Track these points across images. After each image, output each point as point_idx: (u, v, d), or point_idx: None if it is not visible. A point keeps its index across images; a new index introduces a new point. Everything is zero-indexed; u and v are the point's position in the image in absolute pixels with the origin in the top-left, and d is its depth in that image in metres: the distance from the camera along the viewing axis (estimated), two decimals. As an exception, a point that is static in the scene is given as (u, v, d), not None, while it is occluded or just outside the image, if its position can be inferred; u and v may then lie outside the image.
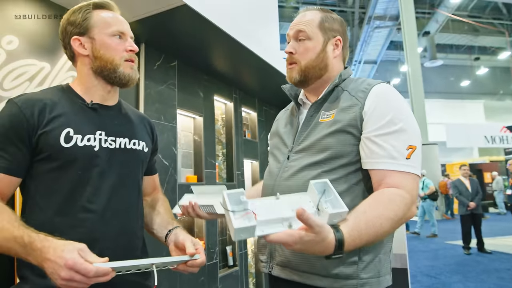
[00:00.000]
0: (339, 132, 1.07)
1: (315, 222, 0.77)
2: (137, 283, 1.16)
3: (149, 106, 2.43)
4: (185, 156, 2.95)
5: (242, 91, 3.69)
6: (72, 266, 0.81)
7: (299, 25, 1.19)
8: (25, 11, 1.79)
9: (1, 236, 0.90)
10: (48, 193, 1.06)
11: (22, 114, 1.04)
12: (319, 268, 1.02)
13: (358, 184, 1.07)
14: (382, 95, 1.07)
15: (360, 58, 20.47)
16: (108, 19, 1.15)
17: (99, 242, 1.05)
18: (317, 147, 1.10)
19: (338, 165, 1.06)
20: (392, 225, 0.93)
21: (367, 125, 1.04)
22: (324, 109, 1.15)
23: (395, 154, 1.00)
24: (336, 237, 0.82)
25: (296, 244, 0.80)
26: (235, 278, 3.22)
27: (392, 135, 1.01)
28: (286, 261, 1.09)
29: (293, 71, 1.19)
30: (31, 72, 1.77)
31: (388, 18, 17.34)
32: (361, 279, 1.01)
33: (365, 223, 0.88)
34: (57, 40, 1.88)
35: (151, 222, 1.32)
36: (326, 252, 0.83)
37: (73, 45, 1.14)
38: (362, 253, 1.02)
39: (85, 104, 1.15)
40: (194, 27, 2.29)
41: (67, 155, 1.05)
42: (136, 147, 1.23)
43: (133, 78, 1.18)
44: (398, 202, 0.94)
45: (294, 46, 1.19)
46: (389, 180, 0.99)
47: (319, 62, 1.17)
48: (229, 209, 0.82)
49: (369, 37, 18.66)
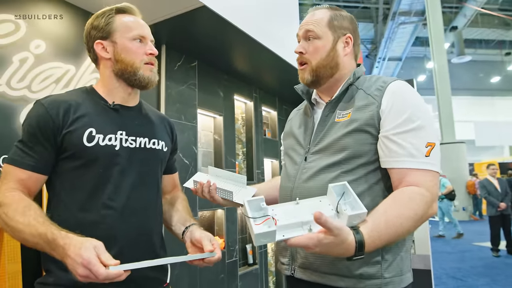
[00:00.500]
0: (356, 131, 1.06)
1: (333, 224, 0.78)
2: (157, 279, 1.20)
3: (170, 106, 2.48)
4: (206, 155, 3.00)
5: (262, 90, 3.70)
6: (87, 265, 0.85)
7: (307, 24, 1.18)
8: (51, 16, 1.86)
9: (28, 231, 0.96)
10: (72, 190, 1.11)
11: (48, 114, 1.09)
12: (342, 269, 1.01)
13: (377, 183, 1.06)
14: (399, 92, 1.06)
15: (384, 55, 20.06)
16: (129, 23, 1.19)
17: (118, 238, 1.09)
18: (334, 147, 1.09)
19: (357, 165, 1.05)
20: (412, 224, 0.92)
21: (384, 124, 1.03)
22: (340, 109, 1.14)
23: (415, 152, 0.99)
24: (356, 238, 0.82)
25: (316, 247, 0.81)
26: (255, 276, 3.24)
27: (411, 133, 1.00)
28: (308, 263, 1.08)
29: (304, 72, 1.19)
30: (57, 74, 1.84)
31: (414, 13, 16.92)
32: (385, 278, 1.01)
33: (385, 223, 0.88)
34: (81, 43, 1.96)
35: (170, 219, 1.35)
36: (347, 254, 0.84)
37: (96, 49, 1.19)
38: (384, 253, 1.02)
39: (107, 105, 1.19)
40: (214, 28, 2.33)
41: (89, 154, 1.10)
42: (155, 147, 1.26)
43: (152, 80, 1.22)
44: (418, 201, 0.94)
45: (304, 46, 1.19)
46: (409, 178, 0.98)
47: (329, 61, 1.16)
48: (249, 216, 0.85)
49: (393, 34, 18.27)
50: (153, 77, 1.22)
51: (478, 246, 7.80)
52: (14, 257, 1.47)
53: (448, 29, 17.22)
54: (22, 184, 1.07)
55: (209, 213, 2.98)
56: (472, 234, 9.59)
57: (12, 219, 0.98)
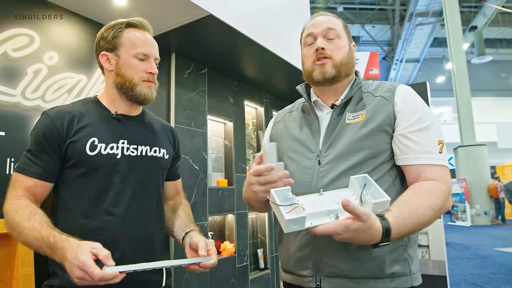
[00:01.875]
0: (374, 131, 1.08)
1: (361, 210, 0.82)
2: (154, 281, 1.23)
3: (180, 112, 2.53)
4: (216, 160, 3.04)
5: (273, 95, 3.73)
6: (82, 267, 0.88)
7: (327, 23, 1.19)
8: (64, 29, 1.94)
9: (32, 235, 1.01)
10: (76, 197, 1.16)
11: (53, 125, 1.14)
12: (374, 271, 1.01)
13: (395, 180, 1.09)
14: (409, 94, 1.12)
15: (402, 57, 19.78)
16: (136, 40, 1.23)
17: (121, 244, 1.13)
18: (352, 149, 1.09)
19: (377, 164, 1.07)
20: (433, 214, 0.96)
21: (400, 122, 1.07)
22: (349, 111, 1.15)
23: (430, 149, 1.04)
24: (382, 224, 0.86)
25: (345, 233, 0.84)
26: (266, 281, 3.25)
27: (424, 131, 1.05)
28: (337, 270, 1.05)
29: (326, 65, 1.16)
30: (69, 84, 1.91)
31: (431, 14, 16.65)
32: (413, 274, 1.05)
33: (409, 213, 0.92)
34: (92, 54, 2.03)
35: (172, 225, 1.39)
36: (374, 240, 0.87)
37: (101, 60, 1.24)
38: (408, 249, 1.06)
39: (110, 115, 1.24)
40: (221, 35, 2.37)
41: (91, 162, 1.15)
42: (156, 154, 1.30)
43: (148, 97, 1.25)
44: (437, 193, 0.98)
45: (324, 43, 1.17)
46: (426, 174, 1.02)
47: (349, 60, 1.19)
48: (278, 203, 0.90)
49: (410, 35, 18.00)
50: (150, 94, 1.26)
51: (500, 251, 7.56)
52: (27, 261, 1.54)
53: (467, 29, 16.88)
54: (29, 191, 1.13)
55: (220, 218, 3.01)
56: (494, 239, 9.31)
57: (18, 224, 1.03)
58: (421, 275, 1.11)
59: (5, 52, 1.67)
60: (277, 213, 0.94)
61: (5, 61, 1.67)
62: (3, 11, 1.69)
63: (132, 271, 0.94)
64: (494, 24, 17.34)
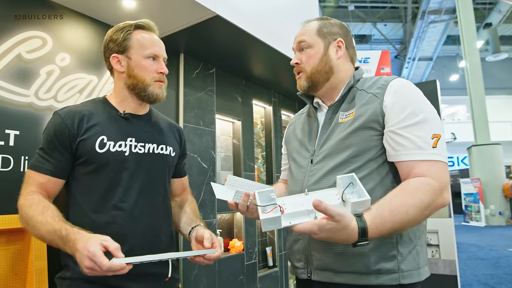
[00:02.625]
0: (360, 128, 1.10)
1: (333, 211, 0.84)
2: (162, 274, 1.27)
3: (188, 112, 2.58)
4: (225, 159, 3.08)
5: (281, 94, 3.75)
6: (91, 257, 0.93)
7: (299, 36, 1.27)
8: (75, 31, 2.00)
9: (45, 229, 1.06)
10: (86, 192, 1.21)
11: (64, 124, 1.20)
12: (359, 267, 1.04)
13: (387, 176, 1.09)
14: (400, 88, 1.10)
15: (414, 55, 19.53)
16: (145, 41, 1.28)
17: (128, 237, 1.18)
18: (340, 147, 1.12)
19: (364, 161, 1.09)
20: (419, 212, 0.95)
21: (389, 119, 1.07)
22: (342, 110, 1.19)
23: (422, 144, 1.02)
24: (358, 224, 0.87)
25: (320, 232, 0.87)
26: (275, 279, 3.28)
27: (416, 126, 1.04)
28: (324, 264, 1.11)
29: (301, 79, 1.26)
30: (80, 85, 1.97)
31: (444, 11, 16.39)
32: (402, 271, 1.03)
33: (389, 211, 0.92)
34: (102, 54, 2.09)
35: (178, 220, 1.43)
36: (351, 240, 0.89)
37: (111, 62, 1.29)
38: (399, 246, 1.05)
39: (118, 114, 1.29)
40: (229, 35, 2.40)
41: (101, 159, 1.20)
42: (163, 152, 1.34)
43: (160, 96, 1.31)
44: (424, 190, 0.97)
45: (298, 56, 1.26)
46: (417, 170, 1.02)
47: (323, 66, 1.22)
48: (258, 204, 0.96)
49: (423, 33, 17.76)
50: (162, 93, 1.31)
51: (515, 252, 7.44)
52: (40, 255, 1.59)
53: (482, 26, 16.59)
54: (42, 187, 1.18)
55: (229, 215, 3.05)
56: (508, 239, 9.15)
57: (32, 218, 1.09)
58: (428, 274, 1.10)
59: (19, 54, 1.73)
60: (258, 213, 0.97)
61: (19, 63, 1.73)
62: (17, 13, 1.76)
63: (138, 262, 0.98)
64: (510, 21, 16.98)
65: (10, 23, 1.73)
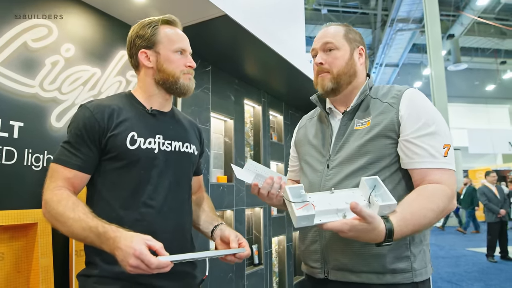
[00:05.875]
0: (378, 137, 1.16)
1: (367, 213, 0.88)
2: (188, 273, 1.28)
3: (186, 109, 2.56)
4: (216, 157, 3.08)
5: (270, 95, 3.79)
6: (139, 256, 0.92)
7: (325, 37, 1.28)
8: (81, 21, 1.94)
9: (78, 226, 1.03)
10: (114, 188, 1.18)
11: (94, 118, 1.17)
12: (376, 266, 1.10)
13: (399, 183, 1.16)
14: (414, 99, 1.17)
15: (382, 61, 20.24)
16: (173, 36, 1.28)
17: (157, 235, 1.16)
18: (357, 153, 1.18)
19: (380, 168, 1.15)
20: (435, 216, 1.02)
21: (405, 128, 1.13)
22: (358, 117, 1.23)
23: (434, 153, 1.09)
24: (386, 226, 0.92)
25: (350, 232, 0.91)
26: (260, 276, 3.32)
27: (429, 136, 1.11)
28: (341, 264, 1.15)
29: (325, 79, 1.26)
30: (84, 77, 1.91)
31: (412, 20, 17.11)
32: (415, 270, 1.11)
33: (411, 214, 0.98)
34: (106, 47, 2.04)
35: (197, 218, 1.44)
36: (377, 240, 0.94)
37: (140, 57, 1.27)
38: (412, 247, 1.12)
39: (145, 110, 1.28)
40: (231, 34, 2.41)
41: (132, 156, 1.18)
42: (188, 150, 1.35)
43: (191, 88, 1.31)
44: (440, 195, 1.04)
45: (322, 57, 1.27)
46: (430, 177, 1.09)
47: (349, 69, 1.25)
48: (291, 200, 0.97)
49: (391, 40, 18.43)
50: (192, 84, 1.31)
51: (473, 251, 7.94)
52: (46, 252, 1.54)
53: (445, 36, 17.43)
54: (68, 182, 1.14)
55: (219, 213, 3.05)
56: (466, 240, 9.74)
57: (62, 214, 1.05)
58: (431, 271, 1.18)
59: (25, 43, 1.66)
60: (289, 209, 1.01)
61: (25, 52, 1.66)
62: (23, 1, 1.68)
63: (180, 260, 0.99)
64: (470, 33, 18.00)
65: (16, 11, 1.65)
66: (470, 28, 17.63)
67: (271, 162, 3.73)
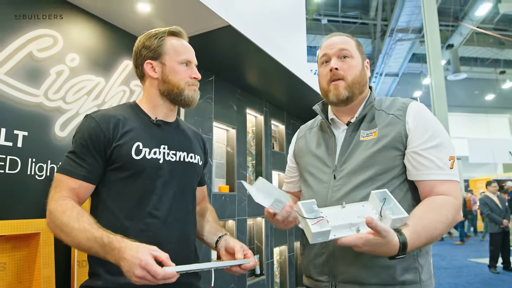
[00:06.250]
0: (385, 148, 1.15)
1: (382, 227, 0.88)
2: (192, 284, 1.27)
3: (189, 118, 2.56)
4: (218, 166, 3.07)
5: (272, 104, 3.80)
6: (145, 266, 0.91)
7: (340, 44, 1.26)
8: (85, 31, 1.95)
9: (83, 236, 1.02)
10: (119, 198, 1.18)
11: (100, 128, 1.17)
12: (386, 279, 1.09)
13: (406, 194, 1.16)
14: (420, 112, 1.18)
15: (382, 71, 20.34)
16: (179, 47, 1.28)
17: (162, 246, 1.15)
18: (364, 164, 1.17)
19: (388, 179, 1.14)
20: (444, 228, 1.03)
21: (412, 140, 1.14)
22: (363, 128, 1.23)
23: (442, 165, 1.10)
24: (400, 240, 0.92)
25: (364, 246, 0.91)
26: (262, 287, 3.29)
27: (436, 148, 1.11)
28: (351, 277, 1.13)
29: (339, 87, 1.23)
30: (89, 86, 1.92)
31: (411, 30, 17.24)
32: (422, 282, 1.11)
33: (422, 227, 0.98)
34: (111, 57, 2.05)
35: (201, 229, 1.43)
36: (391, 253, 0.93)
37: (145, 68, 1.27)
38: (419, 259, 1.12)
39: (150, 121, 1.28)
40: (233, 45, 2.43)
41: (137, 166, 1.18)
42: (192, 160, 1.34)
43: (195, 99, 1.32)
44: (449, 207, 1.05)
45: (338, 63, 1.24)
46: (438, 189, 1.09)
47: (362, 78, 1.26)
48: (305, 216, 0.96)
49: (391, 50, 18.55)
50: (196, 96, 1.32)
51: (475, 262, 7.87)
52: (48, 262, 1.53)
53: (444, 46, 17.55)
54: (73, 192, 1.14)
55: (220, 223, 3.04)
56: (467, 250, 9.68)
57: (67, 225, 1.04)
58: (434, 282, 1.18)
59: (30, 53, 1.67)
60: (303, 225, 1.00)
61: (30, 61, 1.67)
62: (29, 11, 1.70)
63: (186, 271, 0.98)
64: (469, 43, 18.14)
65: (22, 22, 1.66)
66: (469, 38, 17.76)
67: (272, 171, 3.72)
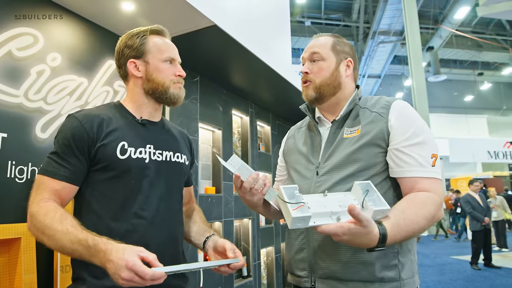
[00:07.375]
0: (367, 145, 1.16)
1: (364, 217, 0.87)
2: (180, 286, 1.24)
3: (174, 119, 2.53)
4: (204, 168, 3.04)
5: (257, 105, 3.80)
6: (132, 267, 0.88)
7: (313, 47, 1.29)
8: (67, 30, 1.90)
9: (67, 238, 0.98)
10: (104, 199, 1.14)
11: (83, 127, 1.13)
12: (365, 275, 1.09)
13: (388, 191, 1.16)
14: (403, 110, 1.19)
15: (364, 72, 20.62)
16: (162, 45, 1.26)
17: (150, 247, 1.13)
18: (347, 161, 1.18)
19: (369, 176, 1.15)
20: (426, 223, 1.03)
21: (394, 138, 1.14)
22: (347, 126, 1.24)
23: (423, 163, 1.11)
24: (380, 231, 0.92)
25: (344, 235, 0.90)
26: (249, 289, 3.28)
27: (418, 145, 1.12)
28: (330, 272, 1.14)
29: (308, 88, 1.28)
30: (71, 87, 1.87)
31: (393, 33, 17.54)
32: (402, 280, 1.10)
33: (404, 220, 0.99)
34: (94, 57, 2.01)
35: (188, 230, 1.41)
36: (371, 245, 0.93)
37: (129, 67, 1.25)
38: (400, 256, 1.12)
39: (135, 120, 1.25)
40: (219, 45, 2.41)
41: (122, 166, 1.15)
42: (179, 160, 1.32)
43: (181, 97, 1.30)
44: (431, 203, 1.06)
45: (309, 66, 1.29)
46: (420, 186, 1.10)
47: (332, 80, 1.26)
48: (286, 200, 0.95)
49: (373, 52, 18.83)
50: (182, 93, 1.30)
51: (457, 259, 8.04)
52: (30, 268, 1.48)
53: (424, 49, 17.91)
54: (56, 194, 1.10)
55: (207, 225, 3.01)
56: (450, 248, 9.87)
57: (49, 227, 1.01)
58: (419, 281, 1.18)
59: (9, 51, 1.61)
60: (283, 209, 0.98)
61: (9, 61, 1.62)
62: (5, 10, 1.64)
63: (175, 272, 0.96)
64: (449, 45, 18.57)
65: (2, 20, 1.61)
66: (448, 41, 18.19)
67: (259, 172, 3.71)
